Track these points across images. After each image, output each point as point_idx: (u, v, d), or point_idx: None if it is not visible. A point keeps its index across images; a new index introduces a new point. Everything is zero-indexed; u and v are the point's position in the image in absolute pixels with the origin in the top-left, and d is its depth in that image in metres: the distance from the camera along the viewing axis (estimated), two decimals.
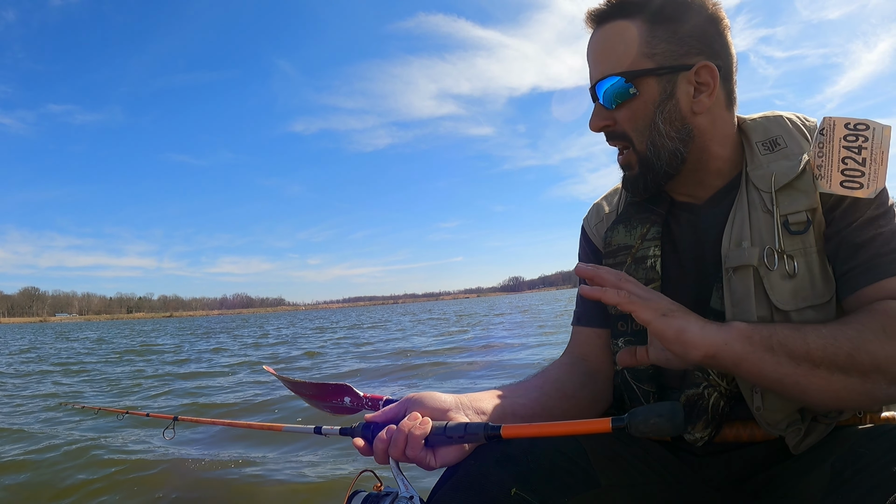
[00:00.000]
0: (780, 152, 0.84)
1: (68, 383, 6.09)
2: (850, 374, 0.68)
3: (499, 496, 0.71)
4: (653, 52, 0.83)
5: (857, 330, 0.70)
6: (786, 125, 0.87)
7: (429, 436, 0.73)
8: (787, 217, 0.80)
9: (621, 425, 0.63)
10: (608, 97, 0.86)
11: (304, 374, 5.76)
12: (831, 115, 0.78)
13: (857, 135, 0.77)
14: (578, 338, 1.03)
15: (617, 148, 0.91)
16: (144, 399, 4.69)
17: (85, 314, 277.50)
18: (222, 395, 4.59)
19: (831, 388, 0.69)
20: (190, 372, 6.63)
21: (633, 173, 0.89)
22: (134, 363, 7.35)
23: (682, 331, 0.71)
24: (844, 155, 0.77)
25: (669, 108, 0.84)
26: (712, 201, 0.90)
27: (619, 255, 0.96)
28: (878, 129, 0.76)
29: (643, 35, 0.83)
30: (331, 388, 1.70)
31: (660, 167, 0.86)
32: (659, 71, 0.82)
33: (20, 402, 4.54)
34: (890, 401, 0.72)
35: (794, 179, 0.81)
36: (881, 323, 0.70)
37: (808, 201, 0.80)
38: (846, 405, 0.75)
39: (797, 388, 0.70)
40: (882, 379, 0.68)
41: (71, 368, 7.53)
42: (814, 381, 0.69)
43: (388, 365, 6.61)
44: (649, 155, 0.86)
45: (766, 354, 0.70)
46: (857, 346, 0.68)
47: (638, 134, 0.86)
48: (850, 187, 0.76)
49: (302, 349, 9.75)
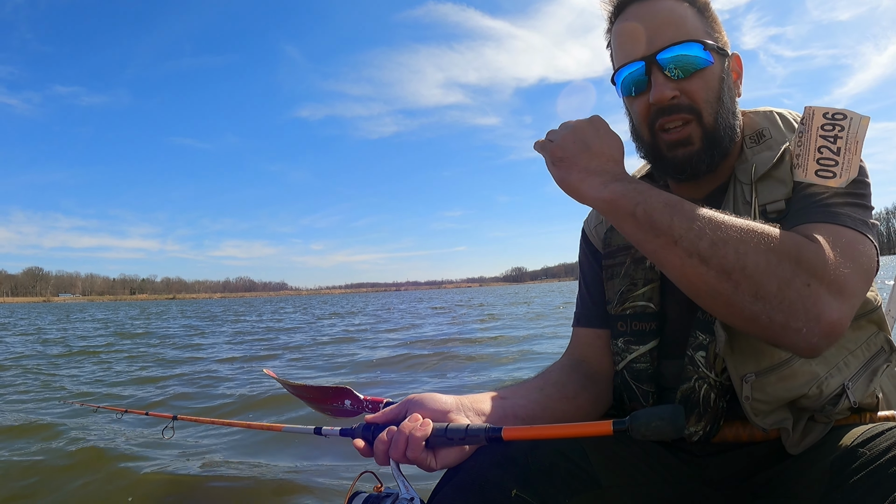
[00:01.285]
0: (764, 144, 0.86)
1: (75, 375, 6.04)
2: (709, 265, 0.66)
3: (499, 497, 0.71)
4: (708, 31, 0.84)
5: (744, 231, 0.67)
6: (773, 119, 0.88)
7: (429, 437, 0.73)
8: (766, 206, 0.81)
9: (623, 428, 0.63)
10: (682, 65, 0.81)
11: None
12: (812, 105, 0.79)
13: (833, 124, 0.77)
14: (578, 339, 1.04)
15: (669, 125, 0.84)
16: (152, 394, 4.69)
17: (88, 295, 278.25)
18: (222, 392, 4.56)
19: (685, 273, 0.68)
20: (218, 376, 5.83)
21: (694, 149, 0.83)
22: (158, 364, 7.06)
23: (562, 180, 0.80)
24: (820, 144, 0.77)
25: (728, 86, 0.85)
26: (710, 199, 0.90)
27: (619, 255, 0.97)
28: (856, 120, 0.76)
29: (696, 15, 0.84)
30: (331, 391, 1.71)
31: (724, 143, 0.84)
32: (720, 49, 0.84)
33: (18, 396, 4.53)
34: (750, 317, 0.67)
35: (771, 169, 0.82)
36: (776, 236, 0.67)
37: (786, 190, 0.80)
38: (704, 301, 0.71)
39: (655, 258, 0.72)
40: (746, 287, 0.65)
41: (83, 363, 7.36)
42: (669, 258, 0.69)
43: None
44: (717, 128, 0.83)
45: (629, 217, 0.72)
46: (727, 240, 0.66)
47: (708, 106, 0.82)
48: (824, 176, 0.76)
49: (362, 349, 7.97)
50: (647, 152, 0.90)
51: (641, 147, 0.90)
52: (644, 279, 0.93)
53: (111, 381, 5.43)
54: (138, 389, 4.95)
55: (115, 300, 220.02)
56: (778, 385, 0.79)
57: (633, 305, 0.93)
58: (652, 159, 0.90)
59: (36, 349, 9.19)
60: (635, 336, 0.92)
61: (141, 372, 6.11)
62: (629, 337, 0.93)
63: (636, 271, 0.93)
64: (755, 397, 0.79)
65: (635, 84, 0.86)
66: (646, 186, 0.74)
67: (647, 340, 0.91)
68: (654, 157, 0.89)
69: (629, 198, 0.72)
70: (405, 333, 10.06)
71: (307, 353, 7.57)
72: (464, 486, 0.73)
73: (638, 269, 0.93)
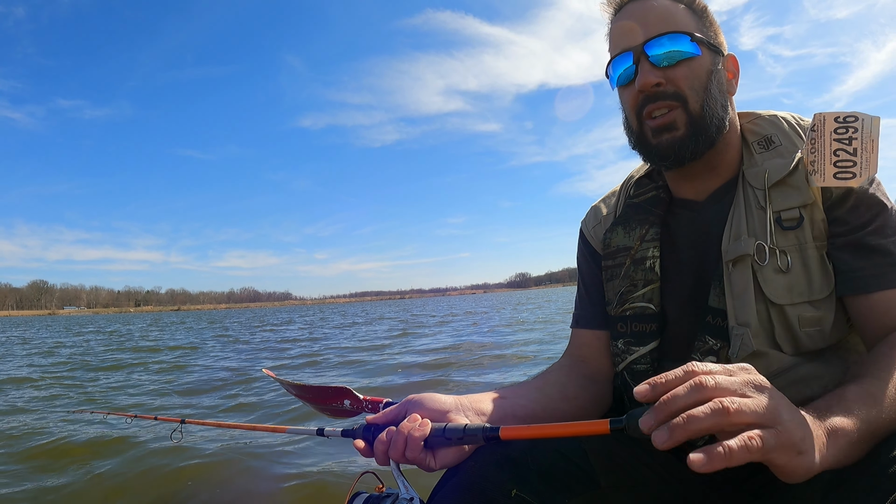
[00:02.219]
0: (774, 150, 0.86)
1: (91, 389, 5.73)
2: None
3: (499, 497, 0.71)
4: (700, 28, 0.86)
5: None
6: (780, 124, 0.88)
7: (428, 437, 0.73)
8: (780, 213, 0.82)
9: (619, 426, 0.63)
10: (668, 53, 0.84)
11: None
12: (822, 112, 0.80)
13: (847, 127, 0.78)
14: (578, 340, 1.04)
15: (656, 112, 0.85)
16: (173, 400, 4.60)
17: (93, 307, 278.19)
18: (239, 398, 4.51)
19: None
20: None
21: (678, 135, 0.84)
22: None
23: (805, 469, 0.59)
24: (836, 147, 0.78)
25: (718, 79, 0.86)
26: (713, 198, 0.90)
27: (619, 256, 0.97)
28: (868, 120, 0.77)
29: (689, 13, 0.86)
30: (330, 391, 1.71)
31: (710, 131, 0.85)
32: (711, 45, 0.86)
33: (28, 404, 4.53)
34: None
35: (786, 176, 0.82)
36: None
37: (800, 197, 0.81)
38: None
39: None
40: None
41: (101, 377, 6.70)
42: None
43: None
44: (704, 115, 0.84)
45: (854, 449, 0.63)
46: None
47: (694, 93, 0.84)
48: (844, 178, 0.77)
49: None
50: (636, 141, 0.90)
51: (631, 136, 0.91)
52: (644, 280, 0.92)
53: (158, 391, 5.21)
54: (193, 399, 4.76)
55: (121, 312, 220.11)
56: (787, 388, 0.78)
57: (632, 307, 0.93)
58: (640, 148, 0.91)
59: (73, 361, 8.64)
60: (635, 337, 0.92)
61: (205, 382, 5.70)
62: (629, 338, 0.93)
63: (636, 272, 0.93)
64: None
65: (625, 74, 0.88)
66: (831, 420, 0.62)
67: (648, 342, 0.91)
68: (641, 145, 0.90)
69: (845, 443, 0.62)
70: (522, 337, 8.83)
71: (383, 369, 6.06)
72: (463, 486, 0.72)
73: (638, 269, 0.93)
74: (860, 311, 0.79)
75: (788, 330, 0.80)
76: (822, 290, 0.79)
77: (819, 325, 0.79)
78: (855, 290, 0.78)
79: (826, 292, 0.79)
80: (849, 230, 0.80)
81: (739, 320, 0.80)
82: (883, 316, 0.77)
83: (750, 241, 0.81)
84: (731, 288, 0.82)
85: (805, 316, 0.79)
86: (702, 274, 0.89)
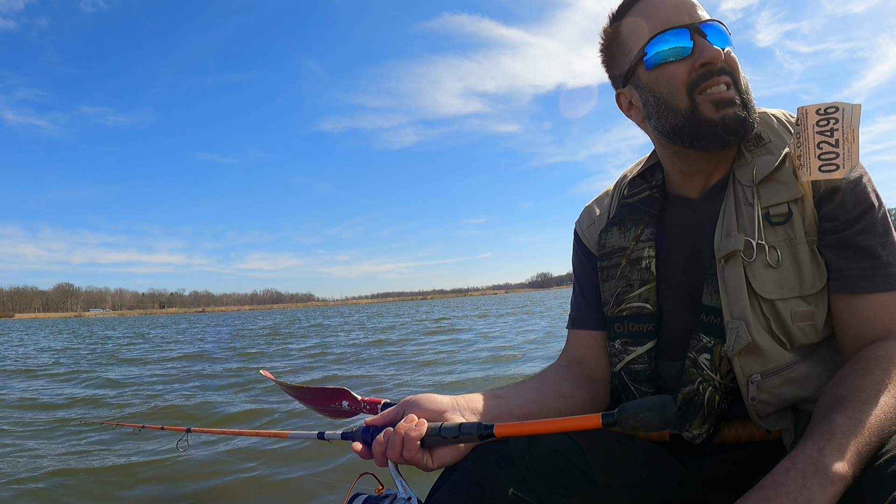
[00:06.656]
0: (763, 147, 0.86)
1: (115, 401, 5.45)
2: None
3: (496, 496, 0.71)
4: None
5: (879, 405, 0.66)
6: (769, 121, 0.88)
7: (424, 437, 0.73)
8: (769, 209, 0.82)
9: (611, 420, 0.63)
10: (721, 35, 0.84)
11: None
12: (804, 105, 0.80)
13: (828, 118, 0.78)
14: (574, 341, 1.04)
15: (713, 88, 0.82)
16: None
17: (118, 309, 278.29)
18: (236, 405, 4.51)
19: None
20: None
21: (736, 111, 0.82)
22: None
23: None
24: (819, 140, 0.78)
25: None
26: (708, 196, 0.91)
27: (614, 257, 0.97)
28: (848, 109, 0.77)
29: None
30: (328, 392, 1.72)
31: (754, 115, 0.85)
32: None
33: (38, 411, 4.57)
34: None
35: (773, 172, 0.82)
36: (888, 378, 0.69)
37: (788, 193, 0.81)
38: None
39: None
40: None
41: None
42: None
43: None
44: (748, 101, 0.84)
45: (859, 465, 0.63)
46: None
47: (741, 78, 0.85)
48: (828, 170, 0.77)
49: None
50: (684, 121, 0.84)
51: (678, 116, 0.84)
52: (640, 280, 0.93)
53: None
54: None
55: (146, 314, 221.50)
56: (783, 386, 0.79)
57: (629, 307, 0.93)
58: (691, 127, 0.83)
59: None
60: (632, 337, 0.92)
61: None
62: (626, 338, 0.93)
63: (632, 272, 0.93)
64: (760, 398, 0.80)
65: (679, 48, 0.83)
66: (812, 463, 0.61)
67: (645, 341, 0.92)
68: (693, 123, 0.83)
69: (846, 467, 0.62)
70: None
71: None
72: (461, 485, 0.73)
73: (634, 270, 0.93)
74: (843, 311, 0.78)
75: (781, 325, 0.80)
76: (814, 284, 0.79)
77: (811, 320, 0.79)
78: (839, 290, 0.78)
79: (818, 287, 0.79)
80: (837, 227, 0.79)
81: (734, 315, 0.81)
82: (865, 320, 0.77)
83: (739, 237, 0.81)
84: (725, 285, 0.82)
85: (797, 310, 0.79)
86: (696, 272, 0.89)
